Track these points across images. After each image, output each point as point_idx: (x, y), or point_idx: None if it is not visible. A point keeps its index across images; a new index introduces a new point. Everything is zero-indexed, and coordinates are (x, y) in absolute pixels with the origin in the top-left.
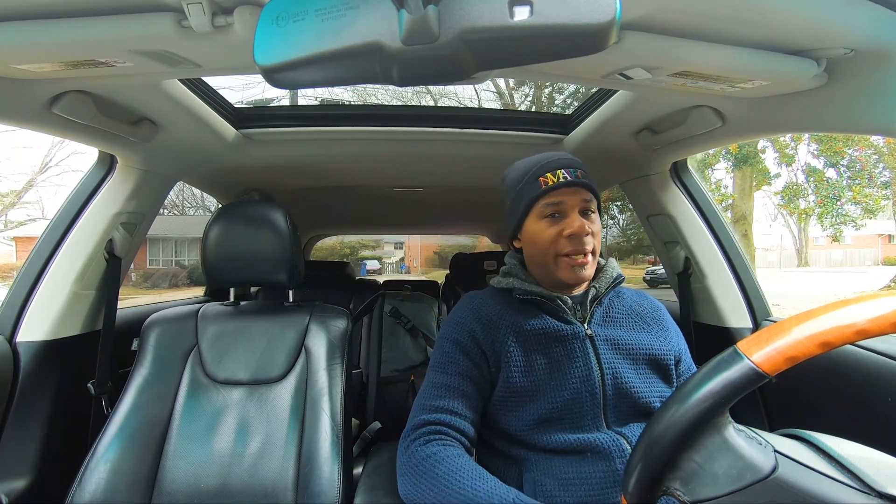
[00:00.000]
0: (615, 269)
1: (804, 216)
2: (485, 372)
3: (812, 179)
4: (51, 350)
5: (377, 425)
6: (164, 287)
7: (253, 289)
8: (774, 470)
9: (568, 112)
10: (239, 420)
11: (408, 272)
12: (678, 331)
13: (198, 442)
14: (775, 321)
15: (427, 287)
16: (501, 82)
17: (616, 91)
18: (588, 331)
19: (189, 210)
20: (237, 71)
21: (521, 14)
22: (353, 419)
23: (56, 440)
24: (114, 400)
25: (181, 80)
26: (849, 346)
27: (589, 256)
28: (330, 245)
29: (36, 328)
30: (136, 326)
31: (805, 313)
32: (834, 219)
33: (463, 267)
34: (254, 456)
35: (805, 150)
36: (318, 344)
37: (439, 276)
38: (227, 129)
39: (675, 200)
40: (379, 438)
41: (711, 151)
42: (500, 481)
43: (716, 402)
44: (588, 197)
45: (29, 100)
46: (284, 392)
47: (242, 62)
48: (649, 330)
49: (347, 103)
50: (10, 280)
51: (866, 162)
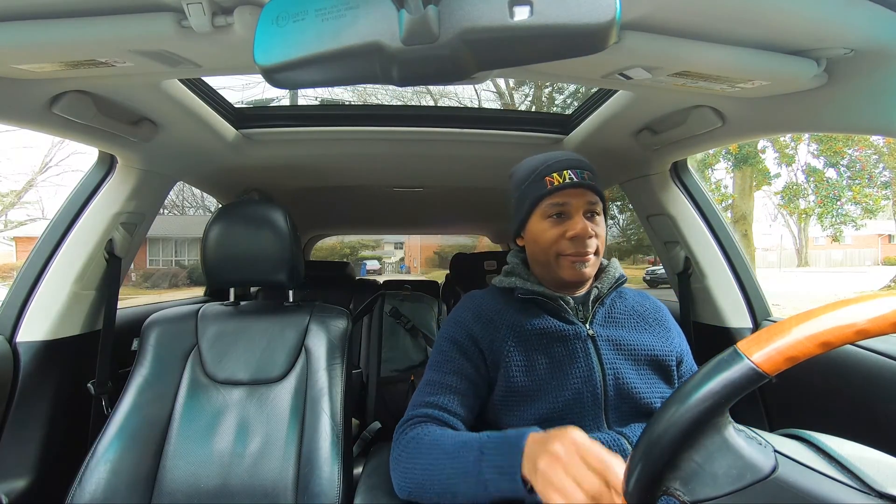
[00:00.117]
0: (617, 270)
1: (804, 216)
2: (482, 371)
3: (812, 179)
4: (51, 350)
5: (377, 425)
6: (164, 287)
7: (253, 289)
8: (774, 470)
9: (568, 112)
10: (239, 420)
11: (408, 272)
12: (680, 332)
13: (198, 442)
14: (775, 321)
15: (427, 287)
16: (501, 82)
17: (616, 91)
18: (590, 331)
19: (189, 210)
20: (237, 71)
21: (521, 14)
22: (353, 419)
23: (56, 440)
24: (114, 400)
25: (181, 80)
26: (849, 346)
27: (591, 256)
28: (330, 245)
29: (36, 328)
30: (136, 326)
31: (805, 313)
32: (834, 219)
33: (463, 267)
34: (254, 456)
35: (805, 150)
36: (318, 344)
37: (439, 276)
38: (227, 129)
39: (675, 200)
40: (379, 438)
41: (711, 151)
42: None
43: (716, 402)
44: (594, 199)
45: (29, 100)
46: (284, 392)
47: (242, 62)
48: (651, 331)
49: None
50: (10, 280)
51: (866, 162)
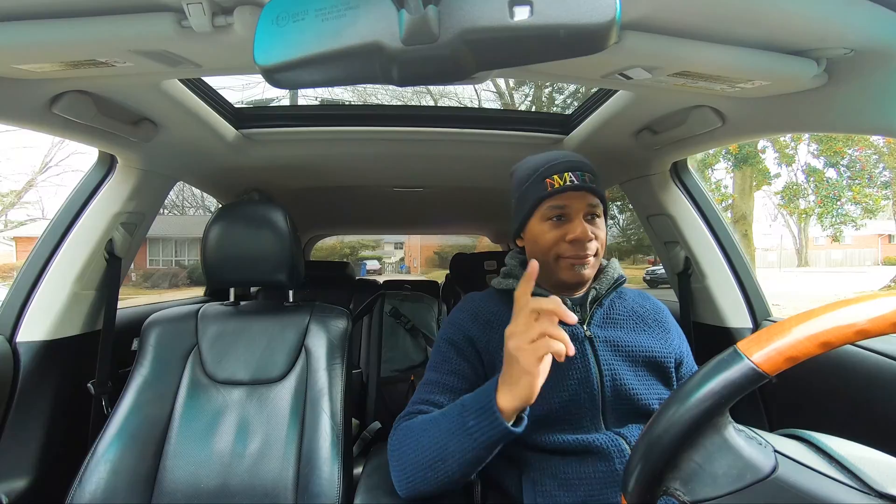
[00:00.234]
0: (616, 271)
1: (804, 216)
2: (478, 371)
3: (812, 179)
4: (51, 350)
5: (377, 425)
6: (164, 287)
7: (253, 289)
8: (774, 470)
9: (568, 112)
10: (239, 420)
11: (408, 272)
12: (681, 333)
13: (198, 442)
14: (775, 321)
15: (427, 287)
16: (501, 82)
17: (616, 91)
18: (587, 332)
19: (189, 210)
20: (237, 71)
21: (521, 14)
22: (353, 419)
23: (56, 440)
24: (114, 400)
25: (181, 80)
26: (849, 346)
27: (590, 258)
28: (330, 245)
29: (36, 328)
30: (136, 326)
31: (805, 313)
32: (834, 219)
33: (463, 267)
34: (254, 456)
35: (805, 150)
36: (318, 344)
37: (439, 276)
38: (227, 129)
39: (675, 200)
40: (379, 438)
41: (711, 151)
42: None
43: (716, 402)
44: (594, 201)
45: (29, 100)
46: (284, 392)
47: (242, 62)
48: (650, 332)
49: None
50: (10, 280)
51: (866, 162)
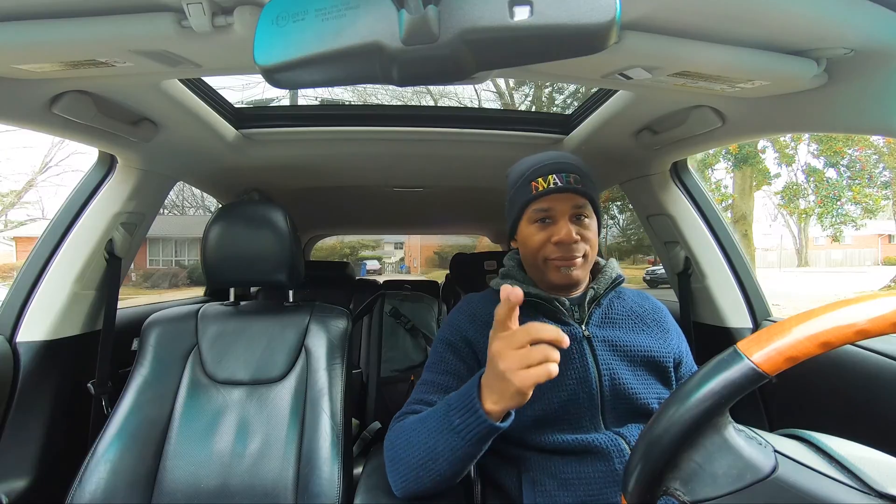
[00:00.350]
0: (615, 270)
1: (804, 216)
2: (475, 372)
3: (812, 179)
4: (51, 350)
5: (377, 425)
6: (164, 287)
7: (253, 289)
8: (774, 470)
9: (568, 112)
10: (239, 420)
11: (408, 272)
12: (680, 333)
13: (198, 442)
14: (775, 321)
15: (427, 287)
16: (501, 82)
17: (616, 91)
18: (586, 332)
19: (189, 210)
20: (237, 71)
21: (521, 14)
22: (353, 419)
23: (56, 440)
24: (114, 400)
25: (181, 80)
26: (849, 346)
27: (579, 260)
28: (330, 245)
29: (36, 328)
30: (136, 326)
31: (805, 313)
32: (834, 219)
33: (463, 267)
34: (254, 456)
35: (805, 150)
36: (318, 344)
37: (439, 276)
38: (227, 129)
39: (675, 200)
40: (379, 438)
41: (711, 151)
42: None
43: (716, 402)
44: (580, 202)
45: (29, 100)
46: (284, 392)
47: (242, 62)
48: (649, 331)
49: (347, 103)
50: (10, 280)
51: (866, 162)
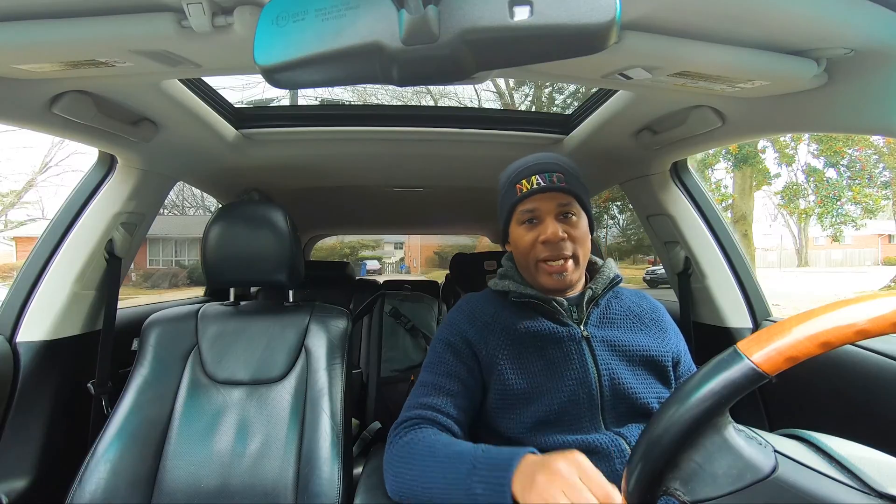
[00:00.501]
0: (612, 270)
1: (804, 216)
2: (475, 373)
3: (812, 179)
4: (51, 350)
5: (377, 425)
6: (164, 287)
7: (253, 289)
8: (774, 470)
9: (568, 112)
10: (239, 420)
11: (408, 272)
12: (678, 332)
13: (198, 442)
14: (775, 321)
15: (427, 287)
16: (501, 82)
17: (616, 91)
18: (584, 332)
19: (189, 210)
20: (237, 71)
21: (521, 14)
22: (353, 419)
23: (56, 440)
24: (114, 400)
25: (181, 80)
26: (849, 346)
27: (569, 262)
28: (330, 245)
29: (36, 328)
30: (136, 326)
31: (805, 313)
32: (834, 219)
33: (463, 267)
34: (254, 456)
35: (805, 150)
36: (318, 344)
37: (439, 276)
38: (227, 129)
39: (675, 200)
40: (379, 438)
41: (711, 151)
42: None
43: (716, 402)
44: (565, 200)
45: (29, 100)
46: (284, 392)
47: (242, 62)
48: (647, 331)
49: (347, 103)
50: (10, 280)
51: (866, 162)
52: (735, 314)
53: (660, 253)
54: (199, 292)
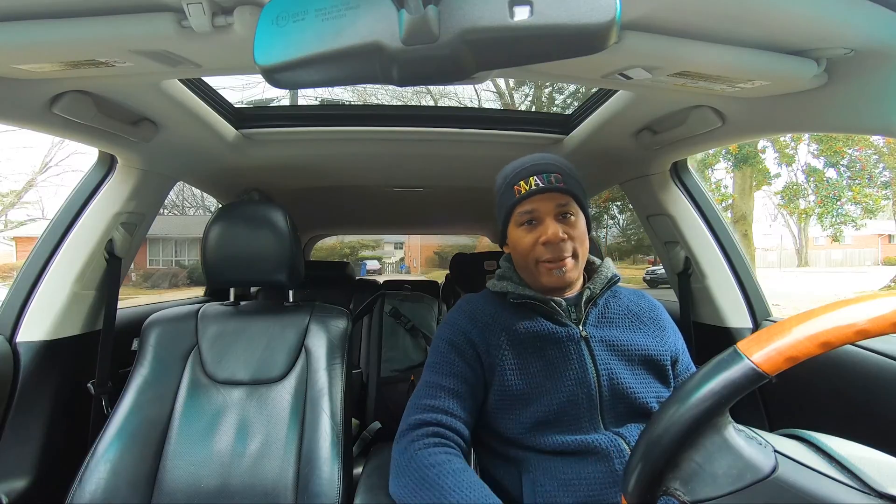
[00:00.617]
0: (610, 270)
1: (804, 216)
2: (478, 374)
3: (812, 179)
4: (51, 350)
5: (377, 425)
6: (164, 287)
7: (253, 289)
8: (774, 470)
9: (568, 112)
10: (239, 420)
11: (408, 272)
12: (676, 330)
13: (198, 442)
14: (775, 321)
15: (427, 287)
16: (501, 82)
17: (616, 91)
18: (583, 332)
19: (189, 210)
20: (237, 71)
21: (521, 14)
22: (353, 419)
23: (56, 440)
24: (114, 400)
25: (181, 80)
26: (849, 346)
27: (569, 261)
28: (330, 245)
29: (36, 328)
30: (136, 326)
31: (805, 313)
32: (834, 219)
33: (463, 267)
34: (254, 456)
35: (805, 150)
36: (318, 344)
37: (439, 276)
38: (227, 129)
39: (675, 200)
40: (379, 438)
41: (711, 151)
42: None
43: (716, 402)
44: (563, 200)
45: (29, 100)
46: (284, 392)
47: (242, 62)
48: (646, 330)
49: (347, 103)
50: (10, 280)
51: (866, 162)
52: (735, 314)
53: (660, 253)
54: (199, 292)
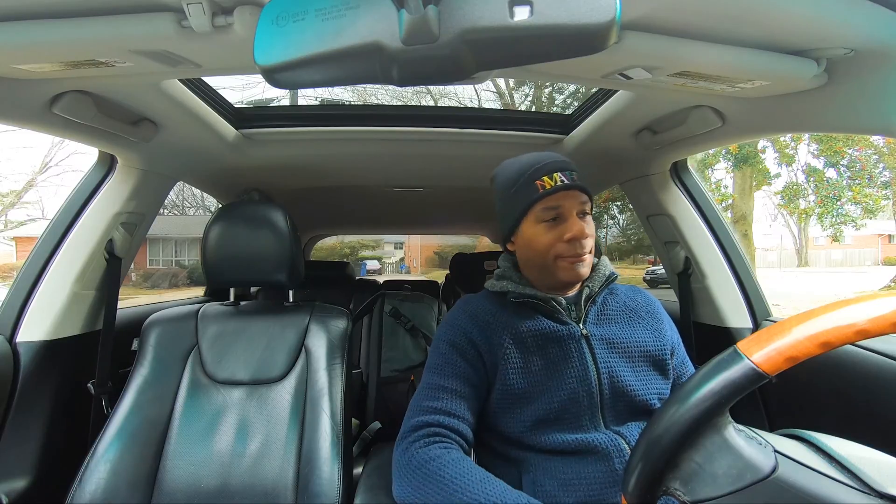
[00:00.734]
0: (607, 268)
1: (804, 216)
2: (481, 374)
3: (812, 179)
4: (51, 350)
5: (377, 425)
6: (164, 287)
7: (253, 289)
8: (774, 470)
9: (568, 112)
10: (239, 420)
11: (408, 272)
12: (671, 323)
13: (198, 442)
14: (775, 321)
15: (427, 287)
16: (501, 82)
17: (616, 91)
18: (583, 330)
19: (189, 210)
20: (237, 71)
21: (521, 14)
22: (353, 419)
23: (56, 440)
24: (114, 400)
25: (181, 80)
26: (849, 346)
27: (588, 257)
28: (330, 245)
29: (36, 328)
30: (136, 326)
31: (805, 313)
32: (834, 219)
33: (463, 267)
34: (254, 456)
35: (805, 150)
36: (318, 344)
37: (439, 276)
38: (227, 129)
39: (675, 200)
40: (379, 438)
41: (711, 151)
42: (508, 485)
43: (716, 402)
44: (584, 199)
45: (29, 100)
46: (284, 392)
47: (242, 62)
48: (644, 324)
49: (347, 103)
50: (10, 280)
51: (866, 162)
52: (735, 314)
53: (660, 253)
54: (199, 292)
